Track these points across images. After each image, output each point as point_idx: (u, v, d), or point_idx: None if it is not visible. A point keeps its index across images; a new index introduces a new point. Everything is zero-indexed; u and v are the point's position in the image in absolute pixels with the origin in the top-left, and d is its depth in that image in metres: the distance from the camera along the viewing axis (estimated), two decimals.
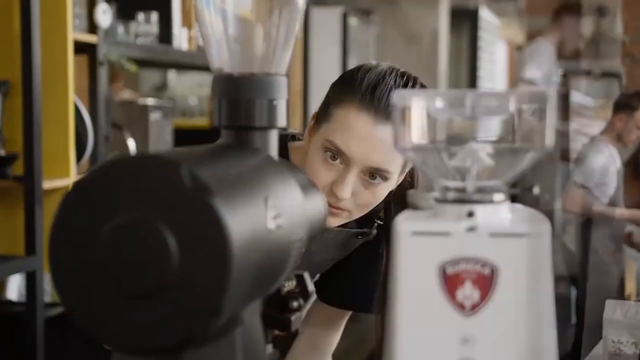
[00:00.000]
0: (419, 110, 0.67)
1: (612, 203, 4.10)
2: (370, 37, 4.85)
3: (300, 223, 0.72)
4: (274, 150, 0.78)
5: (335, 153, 1.23)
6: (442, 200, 0.68)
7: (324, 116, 1.27)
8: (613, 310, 1.96)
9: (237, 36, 0.78)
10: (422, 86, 1.29)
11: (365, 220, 1.41)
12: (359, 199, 1.25)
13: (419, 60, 5.39)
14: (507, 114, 0.66)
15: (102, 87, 2.60)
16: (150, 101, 3.09)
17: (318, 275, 1.50)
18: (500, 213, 0.67)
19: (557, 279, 5.01)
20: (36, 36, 2.30)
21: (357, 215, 1.29)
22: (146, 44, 2.91)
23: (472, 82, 7.13)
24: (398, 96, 0.67)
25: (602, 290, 4.01)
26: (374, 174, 1.24)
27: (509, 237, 0.64)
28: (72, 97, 2.43)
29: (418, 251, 0.65)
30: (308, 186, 0.81)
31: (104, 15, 2.55)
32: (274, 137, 0.78)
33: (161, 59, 3.09)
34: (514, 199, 3.34)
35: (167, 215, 0.58)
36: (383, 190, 1.26)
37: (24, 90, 2.30)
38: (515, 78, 4.48)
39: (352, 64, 5.86)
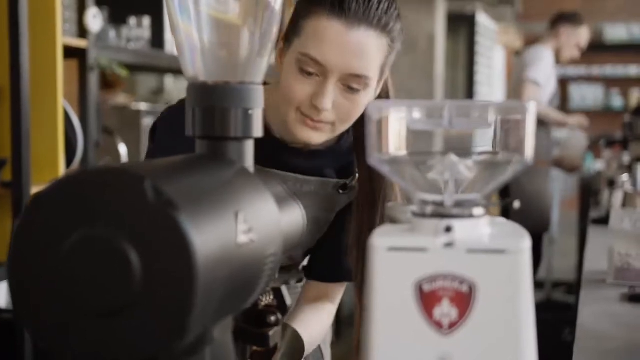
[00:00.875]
0: (395, 122, 0.65)
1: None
2: None
3: (274, 237, 0.70)
4: (249, 161, 0.75)
5: (310, 66, 1.21)
6: (420, 215, 0.65)
7: (293, 32, 1.25)
8: (620, 220, 1.85)
9: (212, 43, 0.75)
10: None
11: (346, 172, 1.39)
12: (340, 109, 1.24)
13: (415, 64, 5.36)
14: (486, 126, 0.64)
15: (92, 92, 2.57)
16: (143, 106, 3.07)
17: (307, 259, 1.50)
18: (479, 228, 0.65)
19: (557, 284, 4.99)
20: (25, 40, 2.27)
21: (340, 128, 1.27)
22: (138, 48, 2.89)
23: (470, 87, 7.12)
24: (374, 107, 0.65)
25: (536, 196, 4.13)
26: (352, 84, 1.22)
27: (488, 253, 0.62)
28: (61, 102, 2.40)
29: (394, 267, 0.63)
30: (285, 198, 0.78)
31: (94, 19, 2.53)
32: (249, 148, 0.75)
33: (153, 64, 3.07)
34: (505, 211, 3.33)
35: (131, 231, 0.56)
36: (363, 99, 1.25)
37: (13, 95, 2.27)
38: (513, 80, 4.46)
39: None
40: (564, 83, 9.82)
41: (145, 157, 1.42)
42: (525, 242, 0.63)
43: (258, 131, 0.76)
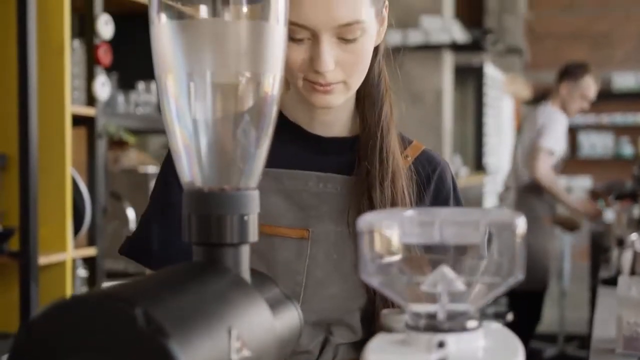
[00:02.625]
0: (386, 235, 0.65)
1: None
2: None
3: (268, 347, 0.70)
4: (245, 265, 0.76)
5: (296, 33, 1.12)
6: (413, 327, 0.65)
7: None
8: (627, 287, 1.82)
9: (209, 150, 0.76)
10: None
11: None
12: (345, 65, 1.16)
13: (423, 119, 5.39)
14: (477, 239, 0.64)
15: (100, 159, 2.60)
16: (151, 169, 3.09)
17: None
18: (473, 341, 0.64)
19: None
20: (34, 109, 2.30)
21: (354, 83, 1.19)
22: (146, 113, 2.92)
23: (479, 138, 7.14)
24: (364, 221, 0.65)
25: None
26: (346, 35, 1.14)
27: None
28: (69, 170, 2.42)
29: None
30: (280, 301, 0.78)
31: (103, 87, 2.56)
32: (245, 253, 0.76)
33: (161, 128, 3.10)
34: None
35: (121, 358, 0.56)
36: (365, 44, 1.17)
37: (21, 163, 2.30)
38: (526, 139, 4.36)
39: None
40: (572, 132, 9.85)
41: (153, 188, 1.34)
42: (520, 357, 0.62)
43: (254, 236, 0.76)
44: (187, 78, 0.75)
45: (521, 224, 0.63)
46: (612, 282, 2.77)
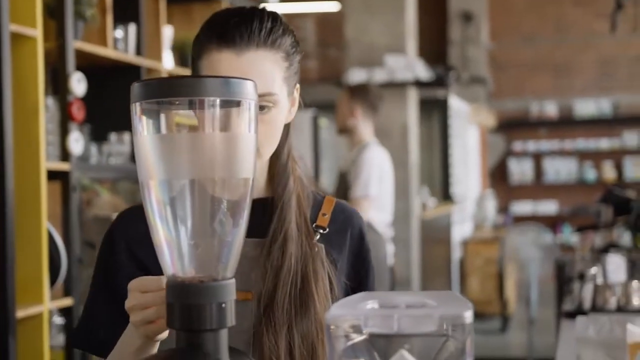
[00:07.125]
0: (351, 327, 0.74)
1: None
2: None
3: None
4: (224, 347, 0.84)
5: None
6: None
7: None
8: (585, 327, 1.91)
9: (188, 245, 0.84)
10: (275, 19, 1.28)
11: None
12: (258, 133, 1.19)
13: (390, 153, 5.48)
14: (431, 329, 0.73)
15: (74, 212, 2.66)
16: None
17: None
18: None
19: None
20: (10, 166, 2.36)
21: (266, 152, 1.26)
22: (119, 163, 2.99)
23: (445, 168, 7.28)
24: (330, 315, 0.74)
25: None
26: (260, 103, 1.20)
27: None
28: (45, 224, 2.48)
29: None
30: None
31: (76, 143, 2.63)
32: (224, 337, 0.84)
33: (133, 177, 3.17)
34: None
35: None
36: (276, 116, 1.25)
37: None
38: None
39: (324, 163, 5.98)
40: (537, 157, 10.05)
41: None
42: None
43: (232, 320, 0.84)
44: (167, 183, 0.83)
45: (469, 315, 0.72)
46: (574, 314, 2.85)
